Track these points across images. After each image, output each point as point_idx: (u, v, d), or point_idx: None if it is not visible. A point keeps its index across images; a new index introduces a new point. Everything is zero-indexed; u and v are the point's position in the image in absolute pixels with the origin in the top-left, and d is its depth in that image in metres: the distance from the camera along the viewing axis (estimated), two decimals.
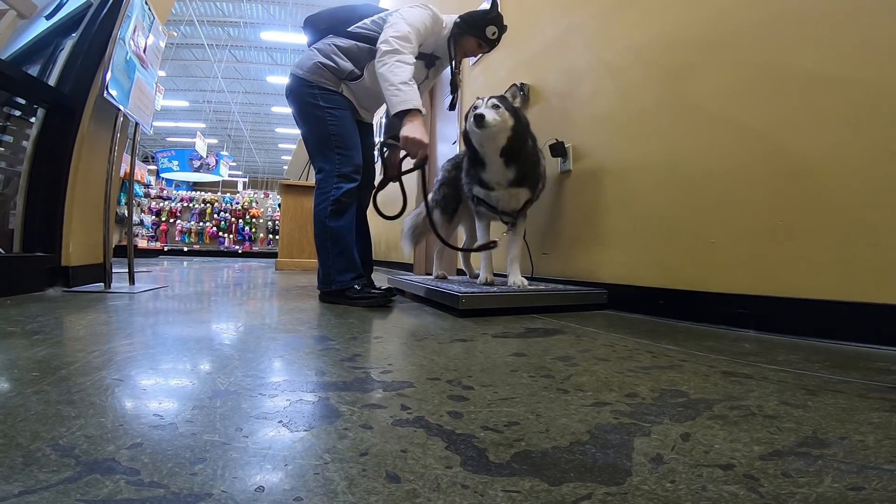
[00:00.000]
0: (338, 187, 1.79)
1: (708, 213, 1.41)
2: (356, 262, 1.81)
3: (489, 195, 1.75)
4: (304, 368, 0.81)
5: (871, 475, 0.43)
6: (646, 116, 1.65)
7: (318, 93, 1.81)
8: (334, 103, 1.81)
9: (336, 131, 1.80)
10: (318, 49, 1.86)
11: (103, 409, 0.58)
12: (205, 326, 1.24)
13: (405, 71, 1.64)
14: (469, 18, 1.82)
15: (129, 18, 2.06)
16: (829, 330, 1.10)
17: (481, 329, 1.25)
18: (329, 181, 1.80)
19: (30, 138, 2.05)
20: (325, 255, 1.81)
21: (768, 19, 1.28)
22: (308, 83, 1.82)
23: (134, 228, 5.82)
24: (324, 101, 1.81)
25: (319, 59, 1.83)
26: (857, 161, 1.08)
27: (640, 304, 1.59)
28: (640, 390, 0.71)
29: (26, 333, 1.04)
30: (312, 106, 1.82)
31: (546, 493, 0.41)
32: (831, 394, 0.69)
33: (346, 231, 1.80)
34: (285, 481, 0.42)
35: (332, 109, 1.81)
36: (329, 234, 1.78)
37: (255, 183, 20.33)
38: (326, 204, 1.78)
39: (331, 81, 1.82)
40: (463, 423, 0.56)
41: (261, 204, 9.06)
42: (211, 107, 14.64)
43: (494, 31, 1.83)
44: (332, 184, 1.79)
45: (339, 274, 1.78)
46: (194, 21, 10.30)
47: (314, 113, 1.82)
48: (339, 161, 1.80)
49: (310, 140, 1.88)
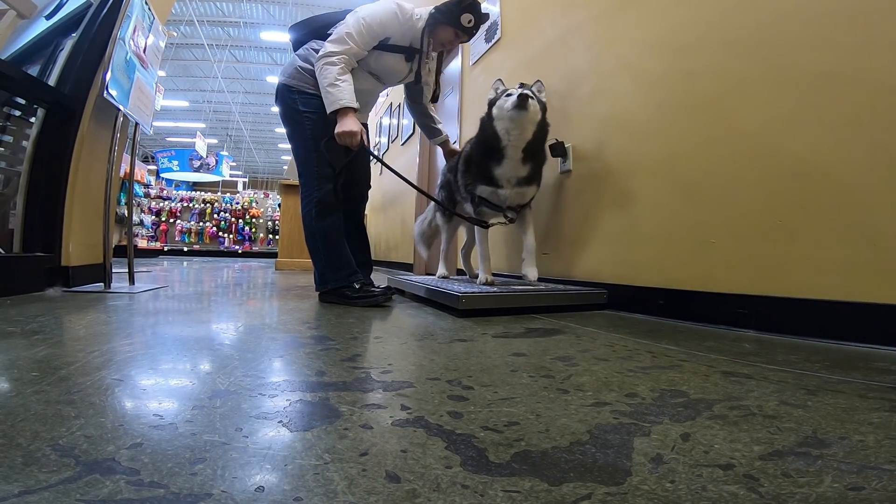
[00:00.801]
0: (320, 189, 1.81)
1: (708, 213, 1.41)
2: (349, 260, 1.82)
3: (496, 193, 1.72)
4: (304, 368, 0.81)
5: (871, 475, 0.43)
6: (646, 116, 1.65)
7: (298, 97, 1.84)
8: (313, 107, 1.83)
9: (313, 135, 1.82)
10: (298, 54, 1.90)
11: (103, 409, 0.58)
12: (205, 326, 1.24)
13: (331, 72, 1.69)
14: (444, 8, 1.79)
15: (129, 18, 2.06)
16: (829, 330, 1.10)
17: (481, 329, 1.25)
18: (311, 184, 1.83)
19: (30, 138, 2.05)
20: (317, 255, 1.84)
21: (769, 19, 1.28)
22: (289, 88, 1.86)
23: (134, 228, 5.82)
24: (303, 105, 1.84)
25: (299, 63, 1.87)
26: (857, 161, 1.08)
27: (640, 304, 1.59)
28: (640, 390, 0.71)
29: (26, 333, 1.04)
30: (293, 111, 1.85)
31: (546, 493, 0.41)
32: (831, 394, 0.69)
33: (333, 229, 1.82)
34: (285, 481, 0.42)
35: (311, 113, 1.83)
36: (318, 235, 1.81)
37: (255, 183, 20.34)
38: (311, 206, 1.81)
39: (310, 84, 1.83)
40: (463, 423, 0.56)
41: (261, 204, 9.06)
42: (211, 107, 14.64)
43: (470, 19, 1.77)
44: (313, 186, 1.82)
45: (332, 272, 1.79)
46: (194, 21, 10.30)
47: (294, 118, 1.86)
48: (318, 163, 1.82)
49: (292, 144, 1.92)
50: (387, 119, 5.75)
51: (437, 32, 1.83)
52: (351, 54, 1.73)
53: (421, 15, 1.81)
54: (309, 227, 1.83)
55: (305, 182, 1.85)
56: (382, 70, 1.88)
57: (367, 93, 1.94)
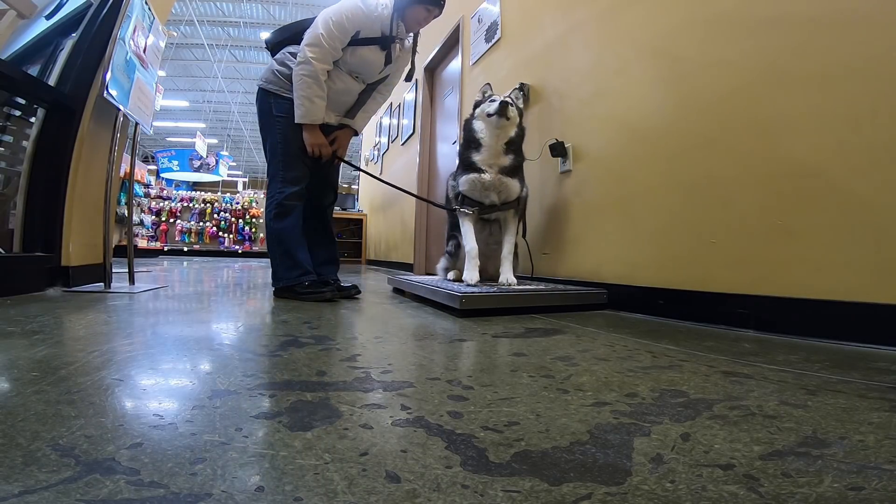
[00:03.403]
0: (281, 191, 1.90)
1: (708, 213, 1.41)
2: (300, 261, 1.90)
3: (480, 179, 1.76)
4: (303, 368, 0.81)
5: (871, 475, 0.43)
6: (646, 116, 1.65)
7: (272, 101, 1.92)
8: (284, 111, 1.90)
9: (281, 138, 1.91)
10: (276, 58, 1.97)
11: (103, 409, 0.58)
12: (205, 326, 1.24)
13: (309, 85, 1.79)
14: None
15: (129, 18, 2.06)
16: (829, 330, 1.10)
17: (481, 329, 1.25)
18: (274, 185, 1.93)
19: (30, 138, 2.05)
20: (273, 254, 1.95)
21: (769, 19, 1.28)
22: (265, 92, 1.94)
23: (134, 228, 5.81)
24: (276, 109, 1.91)
25: (276, 66, 1.94)
26: (857, 161, 1.08)
27: (640, 304, 1.59)
28: (640, 390, 0.71)
29: (26, 333, 1.04)
30: (267, 115, 1.94)
31: (546, 492, 0.41)
32: (831, 394, 0.69)
33: (289, 232, 1.91)
34: (285, 481, 0.42)
35: (281, 117, 1.90)
36: (274, 235, 1.92)
37: (255, 183, 20.32)
38: (271, 207, 1.92)
39: (284, 88, 1.90)
40: (463, 423, 0.56)
41: (261, 204, 9.04)
42: (211, 107, 14.63)
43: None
44: (276, 188, 1.92)
45: (285, 271, 1.90)
46: (194, 21, 10.30)
47: (267, 121, 1.94)
48: (284, 166, 1.91)
49: (266, 146, 2.00)
50: (387, 119, 5.75)
51: (409, 15, 1.86)
52: (327, 58, 1.80)
53: (385, 3, 1.83)
54: (267, 226, 1.94)
55: (270, 183, 1.96)
56: (359, 65, 1.90)
57: (346, 92, 1.97)
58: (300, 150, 1.91)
